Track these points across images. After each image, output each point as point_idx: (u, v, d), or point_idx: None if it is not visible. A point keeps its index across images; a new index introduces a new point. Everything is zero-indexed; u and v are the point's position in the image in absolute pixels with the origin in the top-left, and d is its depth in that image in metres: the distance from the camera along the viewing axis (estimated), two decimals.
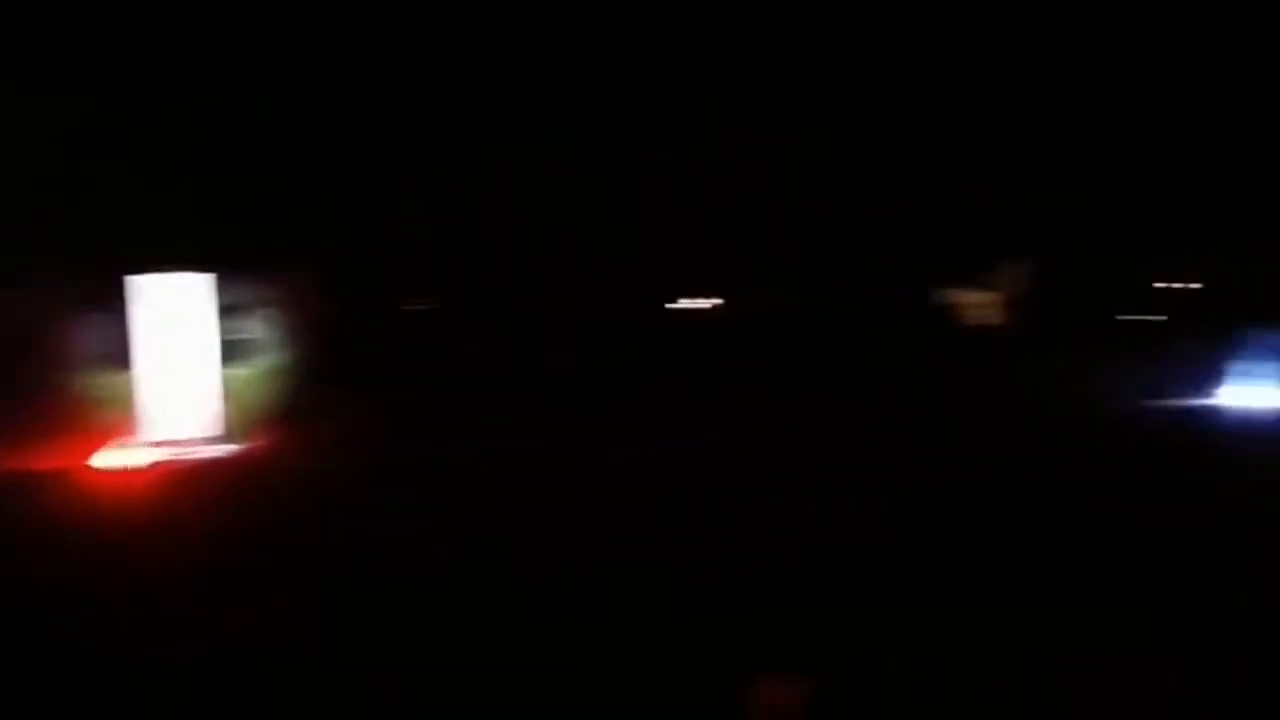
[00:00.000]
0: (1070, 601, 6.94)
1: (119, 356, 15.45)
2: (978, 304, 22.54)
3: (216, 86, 17.82)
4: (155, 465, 13.73)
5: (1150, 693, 5.58)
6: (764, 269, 21.51)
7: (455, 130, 19.77)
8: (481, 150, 19.81)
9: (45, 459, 13.46)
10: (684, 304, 22.73)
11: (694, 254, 21.04)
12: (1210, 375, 16.69)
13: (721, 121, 20.93)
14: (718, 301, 22.94)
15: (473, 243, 19.73)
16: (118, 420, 14.69)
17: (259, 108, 18.04)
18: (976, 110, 21.33)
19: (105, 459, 13.82)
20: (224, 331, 15.56)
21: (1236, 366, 16.85)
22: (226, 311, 15.68)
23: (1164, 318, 22.16)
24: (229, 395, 15.29)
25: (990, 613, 6.78)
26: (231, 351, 15.76)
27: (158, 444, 14.42)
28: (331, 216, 17.91)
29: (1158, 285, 23.23)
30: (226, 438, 14.88)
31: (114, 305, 15.29)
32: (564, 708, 5.58)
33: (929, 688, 5.68)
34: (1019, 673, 5.82)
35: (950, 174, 21.48)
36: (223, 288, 15.47)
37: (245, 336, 16.10)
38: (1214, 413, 15.78)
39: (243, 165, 17.46)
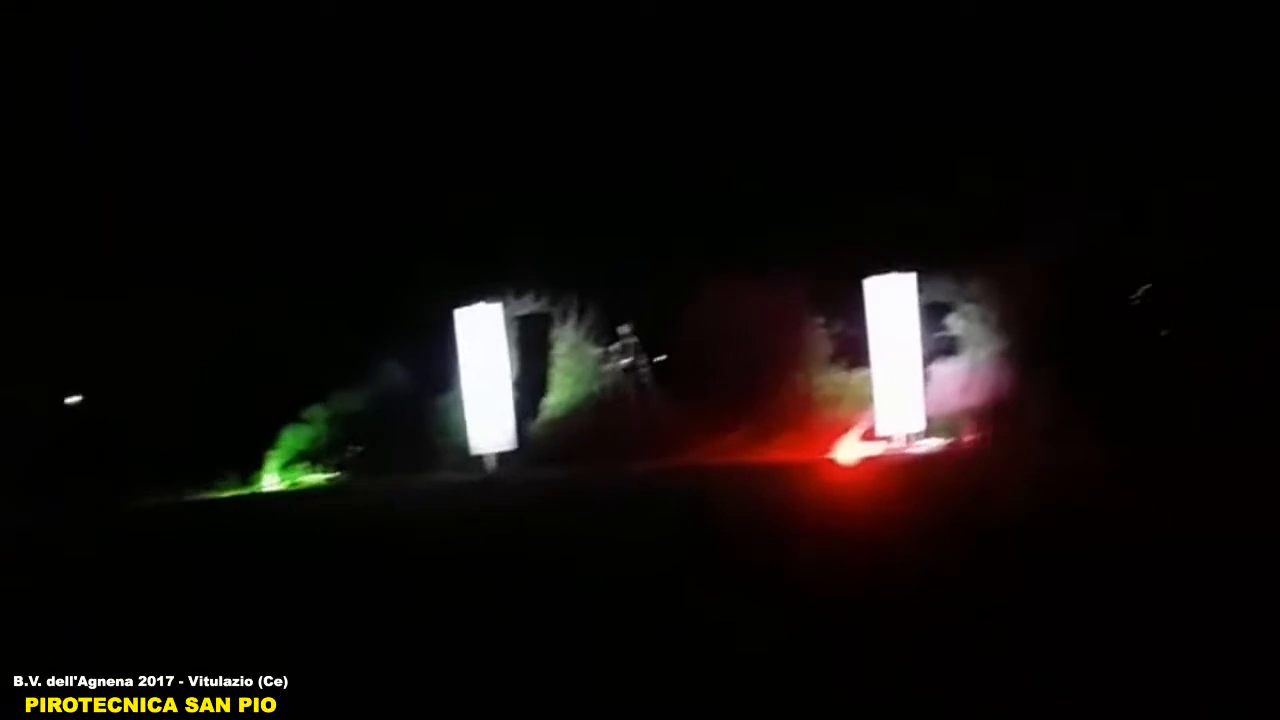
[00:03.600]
0: None
1: (848, 355, 16.83)
2: None
3: None
4: (878, 459, 14.81)
5: None
6: None
7: None
8: None
9: (786, 451, 15.24)
10: None
11: None
12: None
13: None
14: None
15: None
16: (848, 415, 15.98)
17: None
18: None
19: (844, 452, 15.18)
20: (929, 329, 16.12)
21: None
22: (931, 310, 16.25)
23: None
24: (932, 391, 15.79)
25: None
26: (936, 348, 16.29)
27: (880, 439, 15.58)
28: None
29: None
30: (929, 434, 15.53)
31: (842, 306, 16.58)
32: None
33: None
34: None
35: None
36: (925, 286, 16.03)
37: (949, 334, 16.43)
38: None
39: None
